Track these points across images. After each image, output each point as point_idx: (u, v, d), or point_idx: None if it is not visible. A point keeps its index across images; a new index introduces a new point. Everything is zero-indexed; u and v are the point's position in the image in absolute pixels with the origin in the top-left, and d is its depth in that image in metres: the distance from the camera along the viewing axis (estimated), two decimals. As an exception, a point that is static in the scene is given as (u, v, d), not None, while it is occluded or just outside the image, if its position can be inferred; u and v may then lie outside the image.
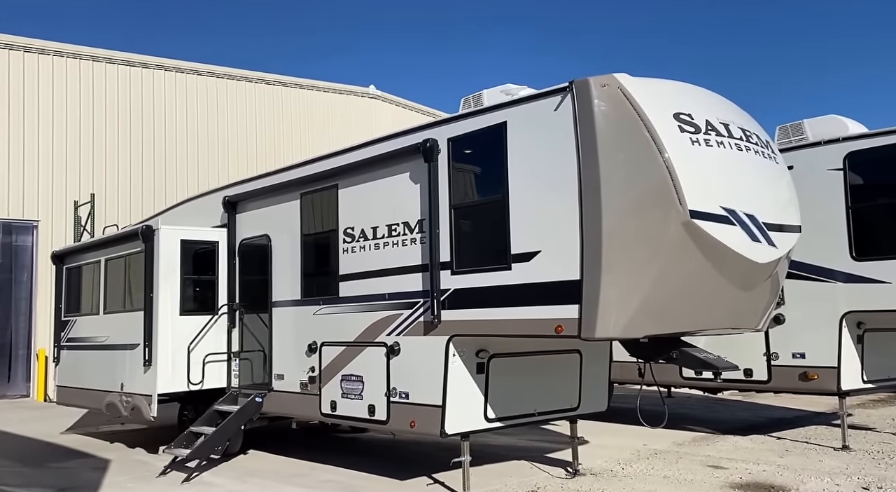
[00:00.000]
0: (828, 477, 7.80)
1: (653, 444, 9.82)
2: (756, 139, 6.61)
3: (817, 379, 9.12)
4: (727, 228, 6.01)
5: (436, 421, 7.00)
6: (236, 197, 9.84)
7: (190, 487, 8.17)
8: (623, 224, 5.86)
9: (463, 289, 6.93)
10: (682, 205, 5.78)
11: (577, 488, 7.59)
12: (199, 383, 9.43)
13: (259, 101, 23.03)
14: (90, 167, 19.25)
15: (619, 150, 5.90)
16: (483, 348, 7.20)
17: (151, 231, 9.55)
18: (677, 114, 6.07)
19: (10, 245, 18.36)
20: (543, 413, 7.84)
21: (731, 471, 8.19)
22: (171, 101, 21.07)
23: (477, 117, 6.97)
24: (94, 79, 19.70)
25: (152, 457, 9.76)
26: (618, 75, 6.06)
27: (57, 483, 8.42)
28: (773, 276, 6.71)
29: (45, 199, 18.63)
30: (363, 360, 7.87)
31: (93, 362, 10.92)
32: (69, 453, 10.37)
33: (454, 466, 7.26)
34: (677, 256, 5.92)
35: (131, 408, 9.70)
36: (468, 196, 7.09)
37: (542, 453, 9.36)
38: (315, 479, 8.28)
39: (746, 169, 6.36)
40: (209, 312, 9.69)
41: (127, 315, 10.03)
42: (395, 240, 7.64)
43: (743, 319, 6.94)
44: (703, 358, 6.46)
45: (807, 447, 9.45)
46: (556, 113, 6.20)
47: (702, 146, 6.05)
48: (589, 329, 5.88)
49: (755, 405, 13.46)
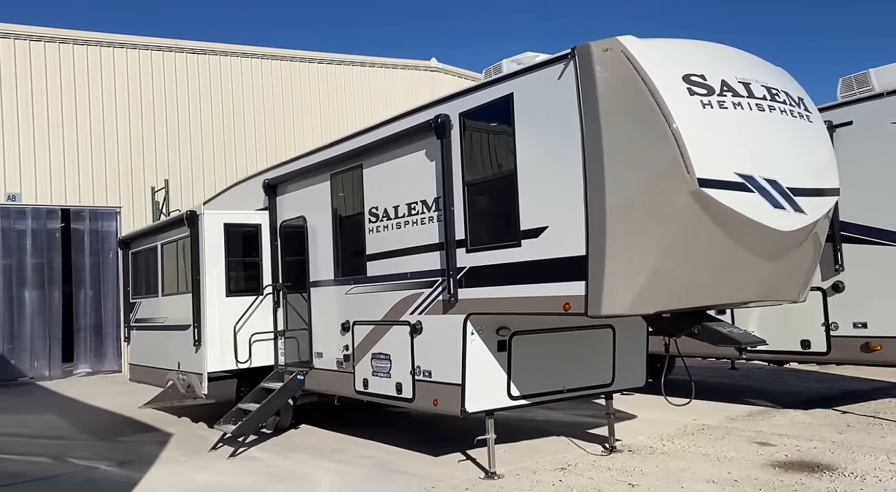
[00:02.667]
0: (884, 455, 7.28)
1: (704, 419, 9.45)
2: (784, 97, 6.10)
3: (880, 350, 8.48)
4: (744, 196, 5.60)
5: (456, 399, 6.98)
6: (275, 180, 10.04)
7: (235, 461, 8.51)
8: (628, 196, 5.57)
9: (477, 266, 6.82)
10: (689, 174, 5.42)
11: (608, 466, 7.42)
12: (246, 361, 9.77)
13: (322, 81, 23.33)
14: (165, 154, 20.14)
15: (622, 118, 5.59)
16: (504, 326, 7.08)
17: (196, 216, 9.89)
18: (688, 75, 5.67)
19: (97, 231, 19.53)
20: (574, 390, 7.66)
21: (779, 448, 7.78)
22: (239, 86, 21.66)
23: (486, 90, 6.77)
24: (164, 69, 20.50)
25: (210, 432, 10.21)
26: (622, 38, 5.71)
27: (119, 456, 8.96)
28: (805, 244, 6.24)
29: (125, 186, 19.67)
30: (390, 338, 7.91)
31: (155, 342, 11.52)
32: (140, 427, 11.02)
33: (478, 443, 7.24)
34: (687, 228, 5.58)
35: (187, 385, 10.17)
36: (480, 172, 6.92)
37: (584, 429, 9.19)
38: (352, 454, 8.45)
39: (769, 131, 5.89)
40: (254, 292, 9.98)
41: (180, 297, 10.48)
42: (415, 219, 7.59)
43: (777, 291, 6.50)
44: (727, 333, 6.11)
45: (872, 423, 8.85)
46: (559, 82, 5.93)
47: (715, 109, 5.64)
48: (595, 306, 5.66)
49: (830, 376, 12.70)
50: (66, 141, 18.95)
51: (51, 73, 18.92)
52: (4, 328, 18.31)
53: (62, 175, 18.85)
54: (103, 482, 7.76)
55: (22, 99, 18.58)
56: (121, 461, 8.66)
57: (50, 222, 18.88)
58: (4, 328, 18.31)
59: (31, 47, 18.74)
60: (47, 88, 18.83)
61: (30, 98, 18.63)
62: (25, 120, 18.52)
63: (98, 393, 15.55)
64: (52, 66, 18.96)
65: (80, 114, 19.20)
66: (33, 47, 18.78)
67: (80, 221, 19.36)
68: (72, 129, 19.04)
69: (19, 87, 18.54)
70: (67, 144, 18.96)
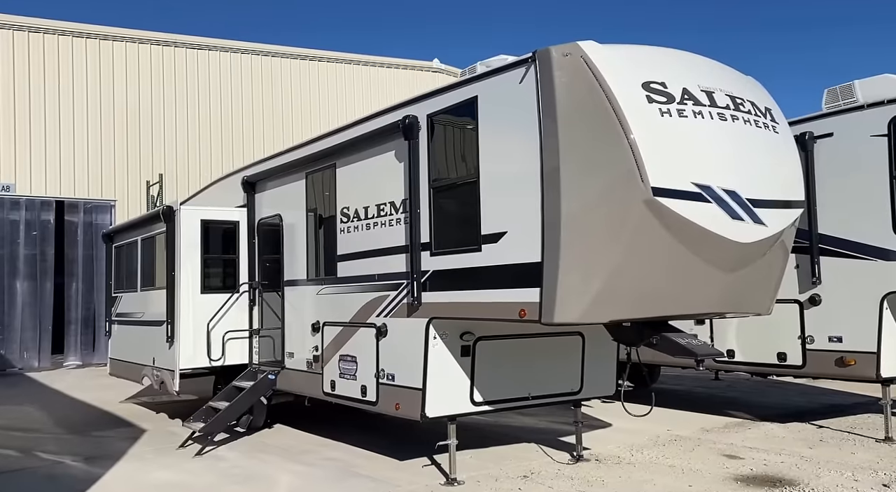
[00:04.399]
0: (850, 471, 7.17)
1: (678, 429, 9.36)
2: (749, 107, 6.01)
3: (855, 365, 8.36)
4: (700, 206, 5.52)
5: (417, 404, 6.92)
6: (254, 177, 10.00)
7: (201, 459, 8.48)
8: (584, 203, 5.50)
9: (441, 270, 6.76)
10: (644, 182, 5.34)
11: (571, 475, 7.34)
12: (219, 359, 9.74)
13: (322, 79, 23.34)
14: (161, 149, 20.20)
15: (580, 124, 5.52)
16: (468, 331, 7.01)
17: (172, 211, 9.86)
18: (647, 83, 5.59)
19: (90, 224, 19.60)
20: (540, 397, 7.59)
21: (746, 462, 7.68)
22: (238, 83, 21.71)
23: (453, 92, 6.72)
24: (163, 64, 20.57)
25: (184, 429, 10.20)
26: (583, 43, 5.64)
27: (87, 451, 8.94)
28: (768, 256, 6.14)
29: (120, 179, 19.74)
30: (357, 340, 7.86)
31: (133, 337, 11.51)
32: (115, 422, 11.01)
33: (439, 449, 7.17)
34: (641, 238, 5.50)
35: (160, 382, 10.15)
36: (446, 175, 6.87)
37: (555, 436, 9.11)
38: (319, 456, 8.40)
39: (730, 141, 5.80)
40: (230, 290, 9.95)
41: (156, 293, 10.47)
42: (383, 220, 7.54)
43: (741, 303, 6.41)
44: (685, 344, 6.01)
45: (845, 438, 8.73)
46: (520, 86, 5.87)
47: (674, 117, 5.56)
48: (549, 314, 5.59)
49: (814, 390, 12.56)
50: (62, 133, 19.03)
51: (49, 65, 19.00)
52: (-5, 319, 18.39)
53: (57, 167, 18.93)
54: (63, 478, 7.73)
55: (19, 90, 18.66)
56: (87, 457, 8.64)
57: (44, 214, 18.95)
58: (-5, 319, 18.39)
59: (29, 39, 18.82)
60: (45, 80, 18.91)
61: (27, 89, 18.72)
62: (22, 111, 18.60)
63: (83, 386, 15.58)
64: (51, 59, 19.04)
65: (77, 106, 19.27)
66: (32, 39, 18.86)
67: (74, 213, 19.43)
68: (68, 121, 19.11)
69: (17, 78, 18.63)
70: (63, 136, 19.03)
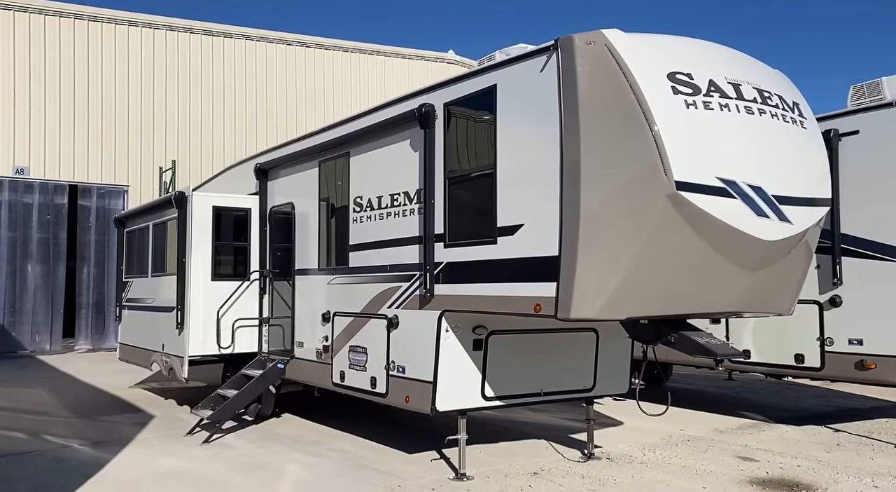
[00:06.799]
0: (869, 477, 7.00)
1: (691, 429, 9.20)
2: (777, 101, 5.83)
3: (875, 369, 8.17)
4: (724, 202, 5.36)
5: (427, 397, 6.81)
6: (266, 164, 9.91)
7: (208, 447, 8.41)
8: (604, 197, 5.35)
9: (454, 262, 6.64)
10: (667, 176, 5.18)
11: (582, 473, 7.21)
12: (228, 347, 9.67)
13: (336, 68, 23.20)
14: (175, 135, 20.16)
15: (602, 114, 5.36)
16: (480, 325, 6.89)
17: (184, 197, 9.78)
18: (673, 73, 5.43)
19: (103, 208, 19.61)
20: (552, 393, 7.46)
21: (761, 464, 7.53)
22: (252, 70, 21.61)
23: (471, 80, 6.58)
24: (178, 50, 20.49)
25: (192, 416, 10.14)
26: (607, 31, 5.48)
27: (95, 436, 8.90)
28: (792, 255, 5.97)
29: (134, 165, 19.72)
30: (368, 331, 7.76)
31: (143, 322, 11.47)
32: (124, 408, 10.98)
33: (449, 444, 7.07)
34: (663, 233, 5.35)
35: (169, 368, 10.10)
36: (462, 165, 6.73)
37: (567, 433, 8.98)
38: (327, 447, 8.31)
39: (757, 135, 5.62)
40: (241, 278, 9.87)
41: (167, 279, 10.41)
42: (397, 210, 7.41)
43: (762, 303, 6.25)
44: (704, 343, 5.86)
45: (863, 443, 8.54)
46: (541, 75, 5.71)
47: (699, 110, 5.39)
48: (565, 309, 5.45)
49: (830, 392, 12.34)
50: (76, 117, 19.02)
51: (64, 49, 18.97)
52: (7, 301, 18.45)
53: (71, 151, 18.92)
54: (70, 462, 7.69)
55: (35, 74, 18.64)
56: (95, 441, 8.60)
57: (57, 198, 18.96)
58: (7, 301, 18.45)
59: (45, 22, 18.79)
60: (60, 64, 18.89)
61: (42, 73, 18.70)
62: (37, 95, 18.59)
63: (93, 370, 15.59)
64: (66, 43, 19.00)
65: (92, 91, 19.25)
66: (48, 22, 18.83)
67: (87, 197, 19.44)
68: (83, 105, 19.09)
69: (32, 61, 18.61)
70: (78, 121, 19.02)
